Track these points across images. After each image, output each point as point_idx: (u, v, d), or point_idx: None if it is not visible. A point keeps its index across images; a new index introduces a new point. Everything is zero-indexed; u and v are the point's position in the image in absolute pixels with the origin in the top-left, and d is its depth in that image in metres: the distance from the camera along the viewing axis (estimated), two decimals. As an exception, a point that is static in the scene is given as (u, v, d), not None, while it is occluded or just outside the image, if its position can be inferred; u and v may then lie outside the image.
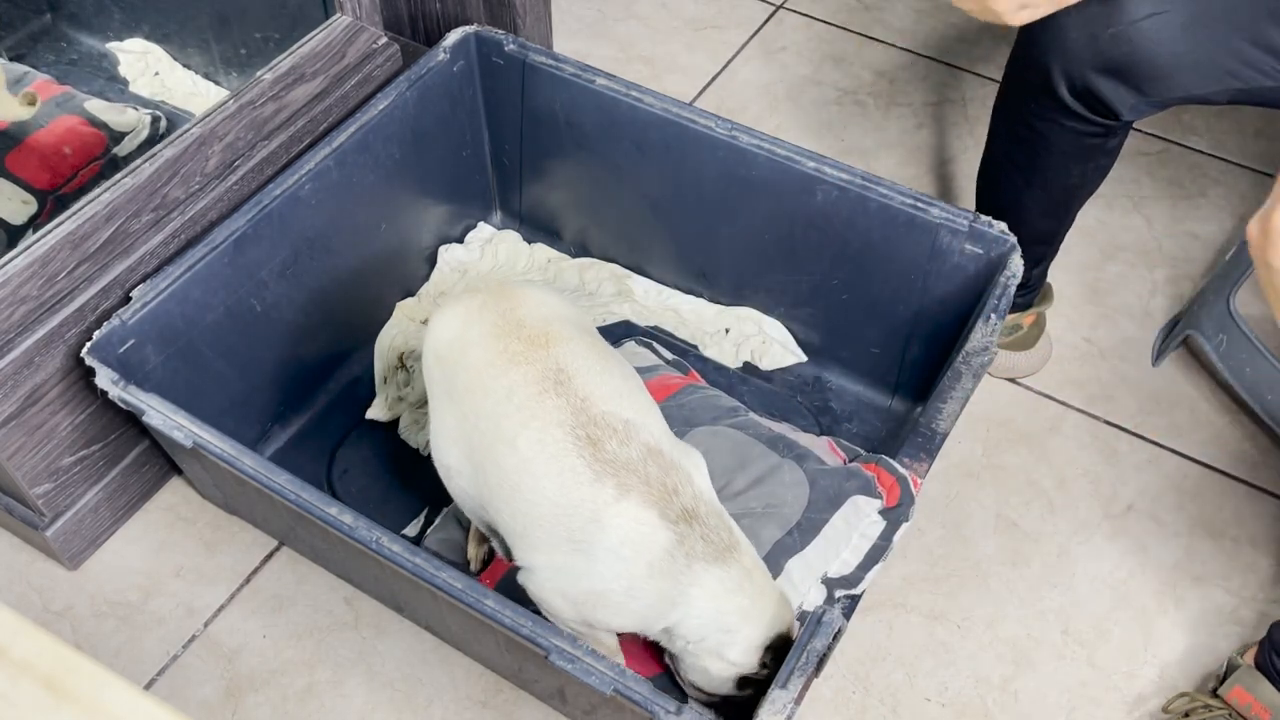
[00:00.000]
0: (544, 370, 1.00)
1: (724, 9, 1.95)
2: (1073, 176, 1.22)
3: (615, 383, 1.02)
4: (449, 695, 1.18)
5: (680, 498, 0.97)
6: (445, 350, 1.07)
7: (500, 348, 1.03)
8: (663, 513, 0.96)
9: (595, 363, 1.03)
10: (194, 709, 1.16)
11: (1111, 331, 1.52)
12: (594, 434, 0.98)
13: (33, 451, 1.13)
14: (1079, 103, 1.12)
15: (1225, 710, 1.14)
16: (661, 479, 0.97)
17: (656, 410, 1.05)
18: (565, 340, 1.03)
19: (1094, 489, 1.37)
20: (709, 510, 0.99)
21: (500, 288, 1.10)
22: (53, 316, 1.10)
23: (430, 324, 1.10)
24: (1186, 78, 1.08)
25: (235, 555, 1.27)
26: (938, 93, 1.82)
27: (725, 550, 0.98)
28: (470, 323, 1.06)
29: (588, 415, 0.98)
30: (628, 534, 0.96)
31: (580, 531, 0.97)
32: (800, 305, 1.39)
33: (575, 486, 0.97)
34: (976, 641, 1.24)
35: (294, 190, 1.22)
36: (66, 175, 1.33)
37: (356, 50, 1.35)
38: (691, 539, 0.97)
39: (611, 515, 0.96)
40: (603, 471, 0.96)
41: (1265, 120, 1.78)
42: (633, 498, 0.96)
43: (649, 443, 0.99)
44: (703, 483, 1.01)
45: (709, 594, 0.97)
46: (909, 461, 1.10)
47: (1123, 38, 1.06)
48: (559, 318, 1.07)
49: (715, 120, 1.28)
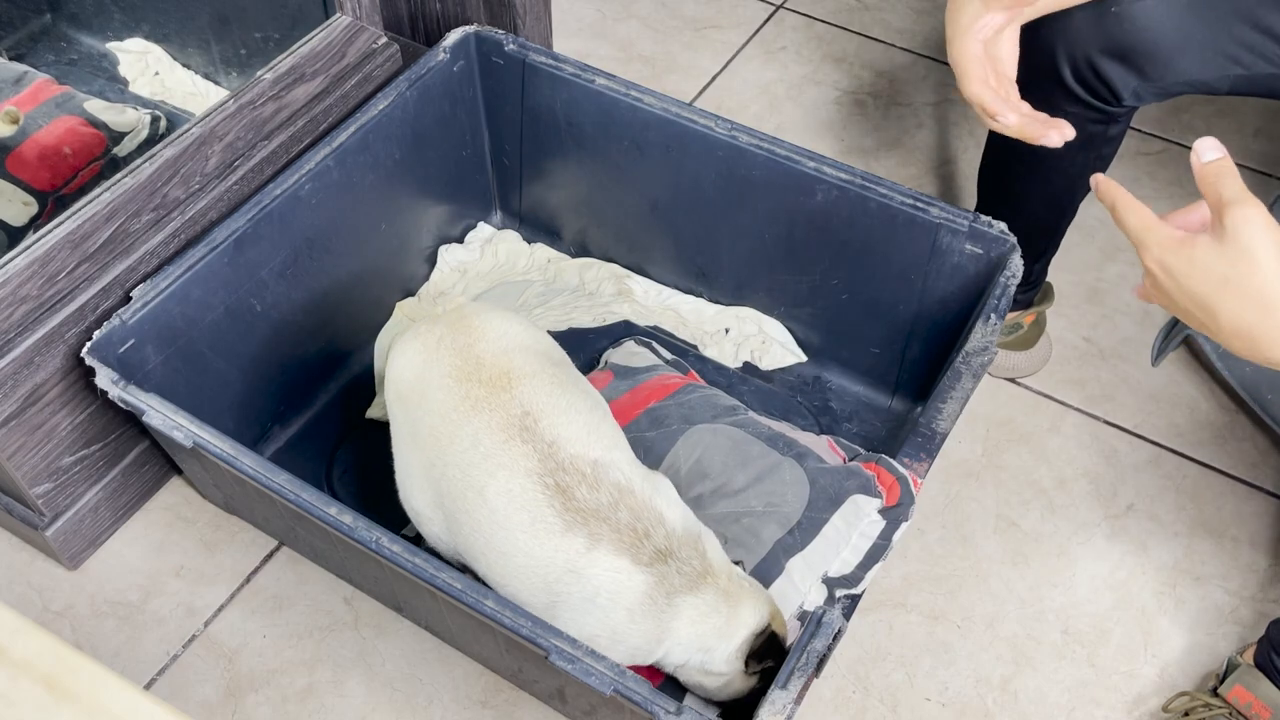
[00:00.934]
0: (508, 416, 0.99)
1: (724, 9, 1.95)
2: (1075, 165, 1.22)
3: (581, 418, 1.01)
4: (449, 695, 1.18)
5: (653, 540, 0.96)
6: (407, 391, 1.05)
7: (462, 392, 1.01)
8: (635, 558, 0.96)
9: (559, 398, 1.01)
10: (194, 709, 1.16)
11: (1111, 331, 1.52)
12: (563, 481, 0.96)
13: (33, 451, 1.13)
14: (1081, 86, 1.13)
15: (1225, 709, 1.14)
16: (632, 524, 0.96)
17: (623, 438, 1.04)
18: (527, 377, 1.02)
19: (1094, 489, 1.37)
20: (681, 543, 0.98)
21: (458, 317, 1.07)
22: (53, 316, 1.10)
23: (391, 359, 1.09)
24: (1188, 61, 1.08)
25: (235, 555, 1.27)
26: (937, 93, 1.82)
27: (699, 577, 0.98)
28: (430, 362, 1.04)
29: (555, 461, 0.97)
30: (602, 583, 0.95)
31: (558, 583, 0.96)
32: (800, 305, 1.39)
33: (547, 537, 0.96)
34: (976, 641, 1.24)
35: (294, 190, 1.22)
36: (67, 176, 1.33)
37: (356, 50, 1.35)
38: (669, 576, 0.96)
39: (585, 565, 0.95)
40: (573, 521, 0.96)
41: (1265, 120, 1.78)
42: (604, 546, 0.95)
43: (619, 482, 0.98)
44: (674, 514, 1.00)
45: (688, 621, 0.98)
46: (909, 461, 1.10)
47: (1125, 16, 1.07)
48: (519, 348, 1.05)
49: (715, 120, 1.28)
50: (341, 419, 1.35)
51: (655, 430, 1.21)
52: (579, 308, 1.46)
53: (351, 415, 1.35)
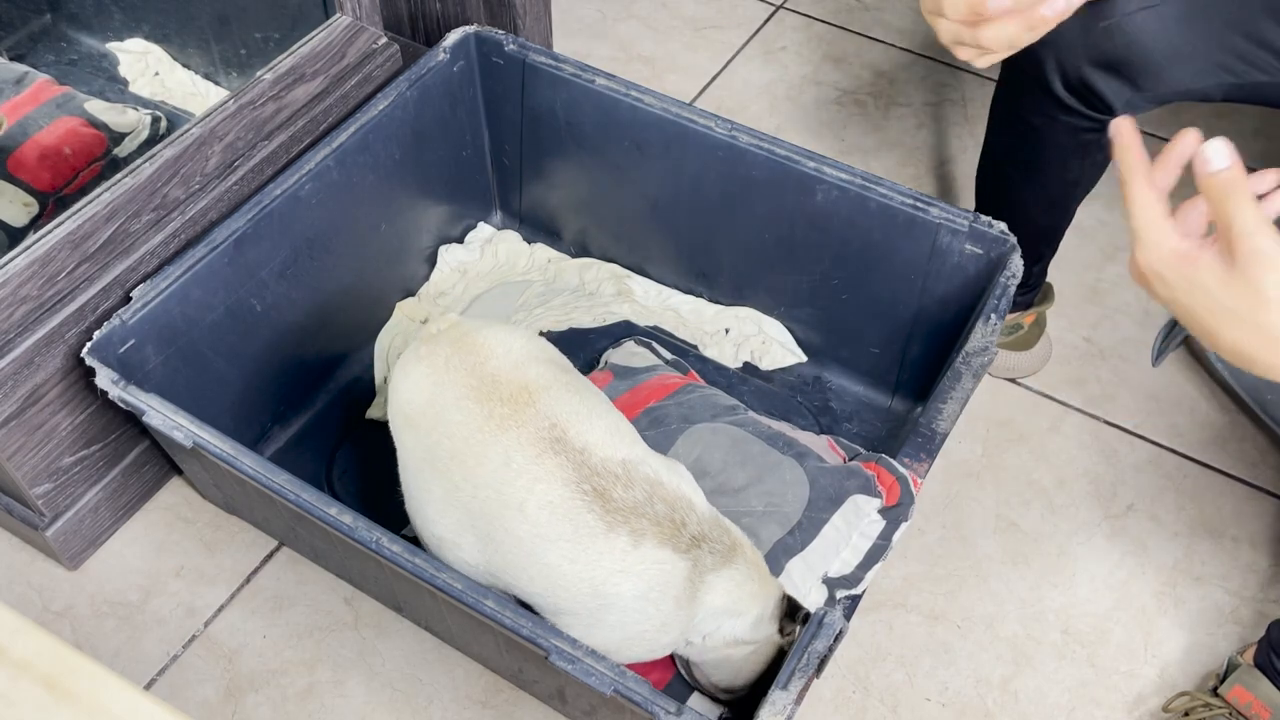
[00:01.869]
0: (537, 430, 0.99)
1: (724, 9, 1.95)
2: (1070, 172, 1.22)
3: (602, 421, 1.02)
4: (449, 695, 1.18)
5: (688, 528, 0.98)
6: (418, 416, 1.04)
7: (485, 412, 1.00)
8: (676, 547, 0.98)
9: (580, 405, 1.02)
10: (194, 709, 1.16)
11: (1111, 332, 1.52)
12: (599, 485, 0.97)
13: (33, 451, 1.13)
14: (1073, 97, 1.12)
15: (1226, 709, 1.14)
16: (669, 515, 0.98)
17: (634, 430, 1.05)
18: (545, 389, 1.02)
19: (1094, 489, 1.37)
20: (710, 524, 1.01)
21: (459, 336, 1.06)
22: (53, 316, 1.10)
23: (394, 384, 1.07)
24: (1181, 72, 1.07)
25: (235, 555, 1.27)
26: (937, 93, 1.82)
27: (729, 551, 1.00)
28: (441, 385, 1.03)
29: (589, 467, 0.98)
30: (653, 578, 0.97)
31: (604, 584, 0.97)
32: (800, 305, 1.39)
33: (592, 542, 0.97)
34: (976, 641, 1.24)
35: (294, 190, 1.22)
36: (68, 177, 1.33)
37: (356, 50, 1.35)
38: (702, 558, 0.98)
39: (633, 563, 0.97)
40: (614, 522, 0.97)
41: (1263, 120, 1.78)
42: (648, 541, 0.97)
43: (649, 476, 0.99)
44: (699, 499, 1.02)
45: (722, 593, 1.00)
46: (909, 462, 1.10)
47: (1117, 30, 1.05)
48: (529, 359, 1.05)
49: (715, 120, 1.28)
50: (341, 419, 1.35)
51: (654, 430, 1.21)
52: (579, 308, 1.46)
53: (351, 415, 1.35)
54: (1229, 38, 1.05)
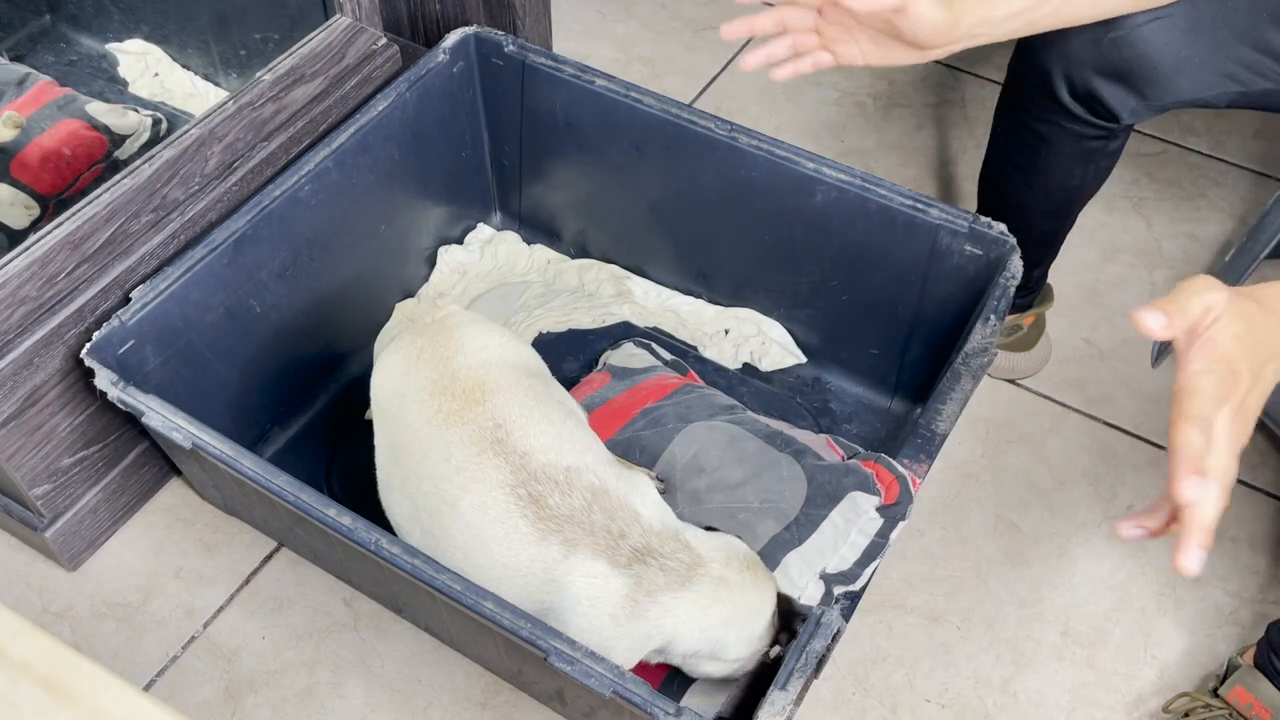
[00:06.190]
0: (480, 429, 0.98)
1: (724, 9, 1.95)
2: (1074, 178, 1.22)
3: (554, 428, 1.00)
4: (448, 696, 1.18)
5: (629, 540, 0.95)
6: (385, 403, 1.05)
7: (435, 405, 1.00)
8: (612, 560, 0.94)
9: (533, 410, 1.00)
10: (193, 710, 1.16)
11: (1111, 333, 1.52)
12: (535, 491, 0.96)
13: (32, 452, 1.13)
14: (1080, 105, 1.12)
15: (1226, 710, 1.14)
16: (607, 525, 0.95)
17: (599, 443, 1.04)
18: (500, 390, 1.01)
19: (1094, 490, 1.37)
20: (662, 539, 0.96)
21: (441, 329, 1.06)
22: (52, 317, 1.10)
23: (374, 370, 1.09)
24: (1187, 81, 1.08)
25: (234, 556, 1.27)
26: (937, 94, 1.82)
27: (689, 570, 0.96)
28: (407, 374, 1.04)
29: (528, 471, 0.96)
30: (583, 590, 0.94)
31: (539, 592, 0.96)
32: (800, 306, 1.39)
33: (523, 548, 0.95)
34: (976, 642, 1.24)
35: (293, 191, 1.22)
36: (69, 179, 1.34)
37: (356, 51, 1.35)
38: (649, 576, 0.95)
39: (563, 573, 0.94)
40: (547, 529, 0.95)
41: (1264, 121, 1.78)
42: (580, 552, 0.94)
43: (593, 484, 0.97)
44: (651, 512, 0.98)
45: (687, 618, 0.96)
46: (908, 462, 1.10)
47: (1124, 42, 1.06)
48: (497, 361, 1.04)
49: (715, 121, 1.28)
50: (341, 420, 1.35)
51: (652, 429, 1.21)
52: (578, 309, 1.46)
53: (351, 416, 1.35)
54: (1236, 47, 1.06)
